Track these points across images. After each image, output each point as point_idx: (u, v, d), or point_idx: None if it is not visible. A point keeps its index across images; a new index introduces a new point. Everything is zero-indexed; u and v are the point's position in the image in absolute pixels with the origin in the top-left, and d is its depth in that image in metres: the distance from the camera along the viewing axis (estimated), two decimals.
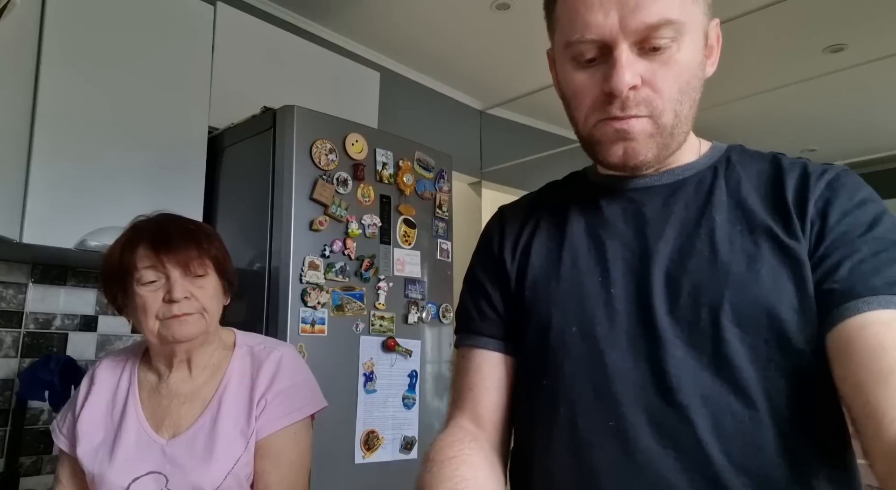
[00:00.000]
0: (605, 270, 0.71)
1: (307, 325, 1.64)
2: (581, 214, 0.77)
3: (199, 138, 1.93)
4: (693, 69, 0.66)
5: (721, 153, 0.76)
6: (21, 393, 1.72)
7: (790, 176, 0.69)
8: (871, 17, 2.58)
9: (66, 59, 1.67)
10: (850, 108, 3.52)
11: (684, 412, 0.63)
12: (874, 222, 0.64)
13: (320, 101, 1.90)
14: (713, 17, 0.70)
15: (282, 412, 1.09)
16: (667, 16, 0.62)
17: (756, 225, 0.67)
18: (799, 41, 2.78)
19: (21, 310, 1.84)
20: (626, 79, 0.63)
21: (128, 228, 1.12)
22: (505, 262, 0.80)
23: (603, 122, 0.67)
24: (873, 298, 0.60)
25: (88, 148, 1.69)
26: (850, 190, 0.67)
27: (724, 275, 0.65)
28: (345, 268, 1.73)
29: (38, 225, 1.57)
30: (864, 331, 0.59)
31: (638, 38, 0.63)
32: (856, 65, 2.52)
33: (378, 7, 2.60)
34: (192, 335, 1.07)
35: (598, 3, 0.63)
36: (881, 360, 0.57)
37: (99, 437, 1.10)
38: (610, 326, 0.69)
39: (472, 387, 0.79)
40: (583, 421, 0.68)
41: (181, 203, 1.85)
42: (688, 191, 0.72)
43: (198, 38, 1.98)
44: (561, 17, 0.68)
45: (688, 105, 0.68)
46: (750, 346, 0.63)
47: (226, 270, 1.15)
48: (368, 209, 1.81)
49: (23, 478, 1.74)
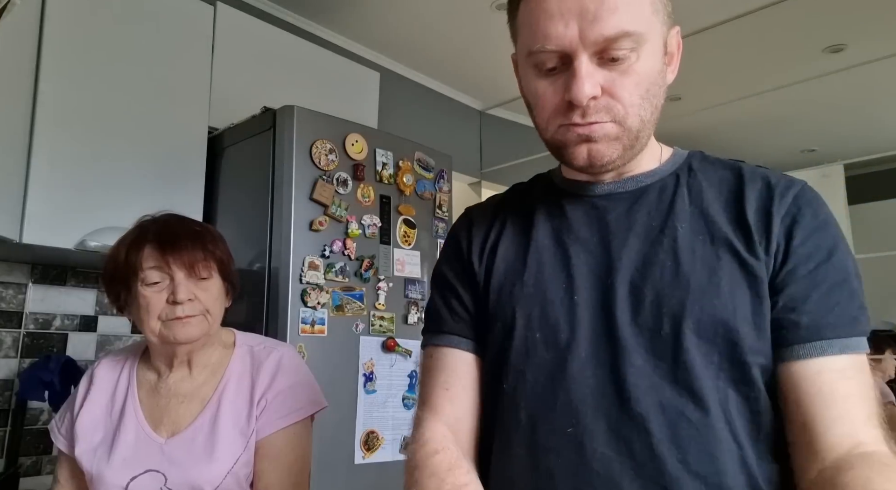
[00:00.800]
0: (570, 277, 0.72)
1: (307, 325, 1.64)
2: (546, 218, 0.78)
3: (198, 138, 1.93)
4: (653, 77, 0.67)
5: (683, 160, 0.77)
6: (21, 393, 1.72)
7: (751, 188, 0.70)
8: (871, 17, 2.58)
9: (65, 59, 1.67)
10: (850, 108, 3.52)
11: (641, 421, 0.64)
12: (834, 247, 0.67)
13: (320, 102, 1.90)
14: (673, 26, 0.71)
15: (282, 412, 1.09)
16: (625, 28, 0.63)
17: (717, 236, 0.68)
18: (799, 41, 2.78)
19: (21, 310, 1.84)
20: (585, 90, 0.64)
21: (133, 228, 1.12)
22: (473, 264, 0.80)
23: (565, 127, 0.68)
24: (836, 342, 0.64)
25: (88, 148, 1.69)
26: (815, 208, 0.69)
27: (685, 285, 0.66)
28: (345, 268, 1.73)
29: (37, 225, 1.57)
30: (818, 377, 0.63)
31: (597, 48, 0.64)
32: (856, 65, 2.52)
33: (378, 7, 2.60)
34: (194, 337, 1.07)
35: (558, 14, 0.64)
36: (829, 409, 0.62)
37: (98, 436, 1.10)
38: (572, 333, 0.70)
39: (448, 387, 0.78)
40: (542, 426, 0.69)
41: (181, 203, 1.84)
42: (650, 198, 0.73)
43: (198, 39, 1.98)
44: (522, 25, 0.69)
45: (650, 111, 0.68)
46: (705, 356, 0.65)
47: (229, 273, 1.15)
48: (368, 209, 1.81)
49: (22, 478, 1.74)
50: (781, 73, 2.98)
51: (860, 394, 0.63)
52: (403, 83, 3.12)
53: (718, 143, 4.03)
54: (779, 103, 3.35)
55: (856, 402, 0.62)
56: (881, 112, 3.57)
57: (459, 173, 3.21)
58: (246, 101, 1.96)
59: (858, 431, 0.61)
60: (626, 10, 0.63)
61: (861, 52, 2.77)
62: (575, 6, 0.63)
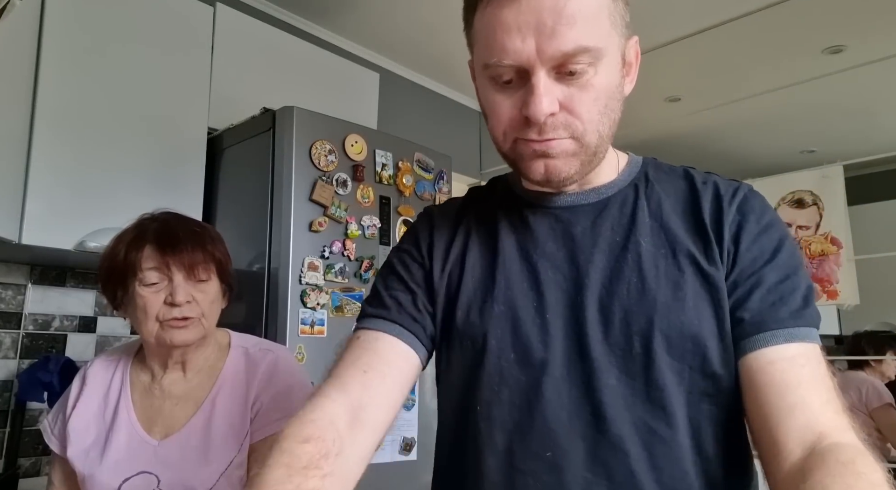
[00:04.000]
0: (540, 295, 0.71)
1: (307, 326, 1.64)
2: (510, 230, 0.76)
3: (198, 139, 1.93)
4: (611, 91, 0.66)
5: (639, 169, 0.77)
6: (20, 394, 1.71)
7: (705, 197, 0.72)
8: (870, 18, 2.57)
9: (65, 59, 1.67)
10: (850, 109, 3.52)
11: (618, 442, 0.65)
12: (778, 247, 0.68)
13: (320, 102, 1.90)
14: (631, 36, 0.70)
15: (278, 415, 1.08)
16: (583, 43, 0.61)
17: (679, 249, 0.69)
18: (798, 42, 2.78)
19: (20, 311, 1.84)
20: (544, 107, 0.63)
21: (133, 226, 1.11)
22: (434, 267, 0.77)
23: (522, 142, 0.67)
24: (781, 332, 0.64)
25: (88, 149, 1.68)
26: (758, 213, 0.70)
27: (651, 302, 0.66)
28: (344, 269, 1.73)
29: (37, 226, 1.57)
30: (770, 367, 0.63)
31: (555, 63, 0.62)
32: (855, 66, 2.52)
33: (378, 8, 2.60)
34: (190, 340, 1.06)
35: (515, 28, 0.62)
36: (784, 398, 0.61)
37: (90, 437, 1.09)
38: (546, 352, 0.69)
39: (367, 370, 0.70)
40: (519, 449, 0.68)
41: (180, 204, 1.83)
42: (612, 212, 0.73)
43: (197, 39, 1.98)
44: (478, 37, 0.67)
45: (608, 125, 0.67)
46: (677, 372, 0.65)
47: (227, 274, 1.14)
48: (368, 210, 1.81)
49: (21, 479, 1.74)
50: (781, 73, 2.97)
51: (814, 380, 0.62)
52: (403, 84, 3.12)
53: (718, 144, 4.03)
54: (778, 104, 3.35)
55: (810, 388, 0.62)
56: (881, 113, 3.57)
57: (459, 174, 3.21)
58: (245, 102, 1.96)
59: (818, 419, 0.60)
60: (584, 25, 0.61)
61: (861, 53, 2.77)
62: (532, 20, 0.61)
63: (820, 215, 2.40)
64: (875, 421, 2.90)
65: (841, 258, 2.32)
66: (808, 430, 0.60)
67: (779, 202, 2.50)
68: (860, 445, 0.60)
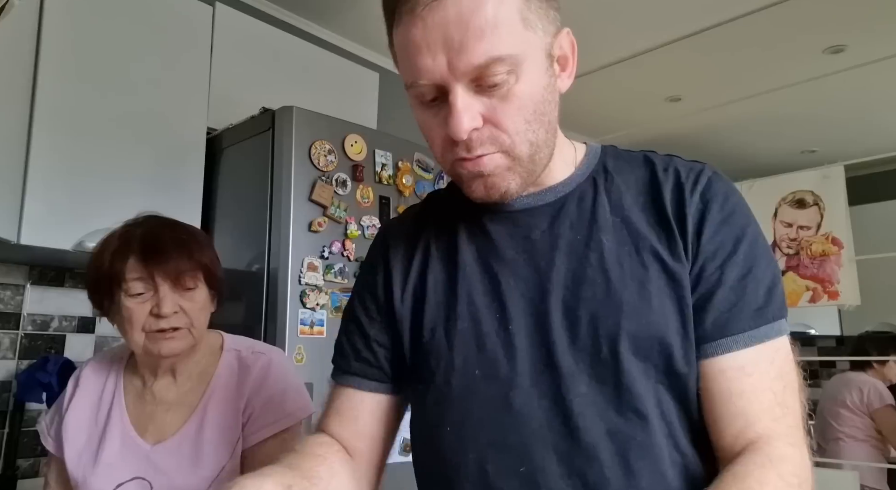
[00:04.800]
0: (502, 306, 0.69)
1: (306, 326, 1.63)
2: (469, 239, 0.74)
3: (197, 139, 1.92)
4: (538, 96, 0.63)
5: (597, 160, 0.74)
6: (19, 395, 1.71)
7: (666, 185, 0.69)
8: (871, 18, 2.57)
9: (64, 60, 1.66)
10: (851, 109, 3.51)
11: (591, 451, 0.63)
12: (740, 237, 0.66)
13: (319, 102, 1.90)
14: (559, 30, 0.66)
15: (270, 419, 1.07)
16: (494, 53, 0.59)
17: (642, 245, 0.67)
18: (799, 42, 2.77)
19: (19, 311, 1.83)
20: (463, 125, 0.61)
21: (118, 234, 1.07)
22: (393, 298, 0.76)
23: (457, 162, 0.65)
24: (740, 336, 0.64)
25: (86, 149, 1.68)
26: (721, 200, 0.67)
27: (618, 303, 0.65)
28: (344, 269, 1.73)
29: (35, 226, 1.57)
30: (721, 376, 0.64)
31: (471, 78, 0.60)
32: (856, 66, 2.52)
33: (377, 8, 2.59)
34: (178, 351, 1.04)
35: (425, 47, 0.60)
36: (727, 407, 0.63)
37: (83, 440, 1.08)
38: (512, 366, 0.67)
39: (345, 429, 0.78)
40: (492, 467, 0.66)
41: (179, 204, 1.84)
42: (570, 210, 0.71)
43: (196, 39, 1.97)
44: (397, 57, 0.66)
45: (542, 130, 0.65)
46: (644, 373, 0.64)
47: (216, 279, 1.11)
48: (367, 210, 1.81)
49: (20, 480, 1.73)
50: (781, 73, 2.97)
51: (758, 387, 0.63)
52: (403, 84, 3.11)
53: (718, 144, 4.02)
54: (779, 104, 3.34)
55: (752, 397, 0.62)
56: (882, 113, 3.57)
57: None
58: (245, 102, 1.95)
59: (751, 428, 0.62)
60: (493, 34, 0.58)
61: (861, 53, 2.77)
62: (439, 37, 0.59)
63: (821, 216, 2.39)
64: (876, 422, 2.89)
65: (842, 258, 2.31)
66: (742, 438, 0.62)
67: (779, 202, 2.49)
68: (780, 454, 0.60)
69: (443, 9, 0.58)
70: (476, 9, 0.58)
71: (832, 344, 4.42)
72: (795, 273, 2.40)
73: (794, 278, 2.40)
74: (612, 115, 3.54)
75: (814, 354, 4.43)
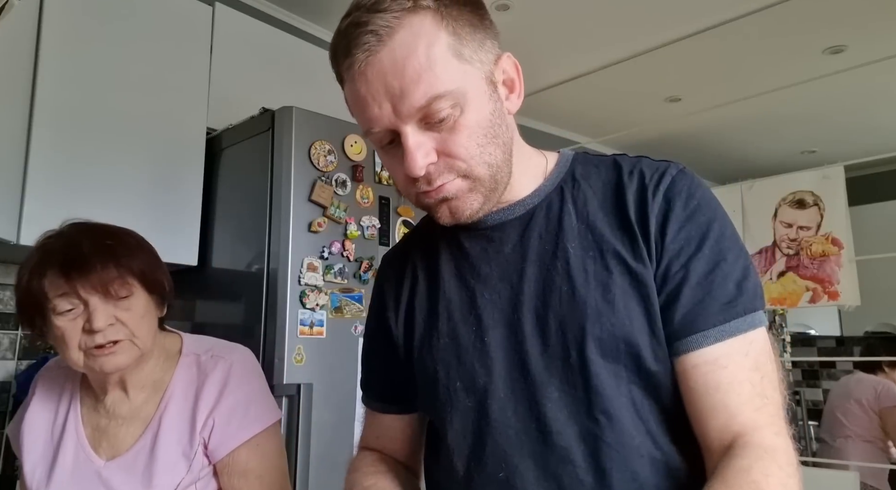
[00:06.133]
0: (478, 319, 0.72)
1: (306, 327, 1.63)
2: (449, 259, 0.78)
3: (197, 139, 1.92)
4: (485, 122, 0.66)
5: (566, 168, 0.76)
6: (18, 395, 1.71)
7: (630, 189, 0.70)
8: (871, 18, 2.57)
9: (63, 59, 1.66)
10: (851, 110, 3.51)
11: (565, 453, 0.65)
12: (706, 233, 0.67)
13: (319, 102, 1.90)
14: (499, 55, 0.69)
15: (236, 427, 1.01)
16: (434, 92, 0.62)
17: (606, 249, 0.69)
18: (799, 42, 2.77)
19: None
20: (418, 163, 0.64)
21: (35, 248, 0.98)
22: (390, 328, 0.82)
23: (420, 195, 0.69)
24: (710, 331, 0.64)
25: (86, 149, 1.68)
26: (685, 197, 0.68)
27: (582, 308, 0.67)
28: (343, 269, 1.72)
29: (35, 226, 1.55)
30: (694, 371, 0.64)
31: (417, 118, 0.64)
32: (856, 66, 2.52)
33: None
34: (122, 365, 0.96)
35: (369, 98, 0.64)
36: (705, 401, 0.64)
37: (38, 452, 1.04)
38: (488, 376, 0.70)
39: (382, 445, 0.86)
40: (477, 474, 0.70)
41: (179, 205, 1.84)
42: (539, 220, 0.73)
43: (196, 39, 1.97)
44: (351, 111, 0.70)
45: (498, 151, 0.68)
46: (614, 374, 0.65)
47: (155, 283, 1.01)
48: (367, 211, 1.80)
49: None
50: (781, 74, 2.97)
51: (735, 379, 0.63)
52: None
53: (718, 144, 4.02)
54: (779, 104, 3.34)
55: (729, 389, 0.63)
56: (882, 113, 3.57)
57: None
58: (244, 102, 1.95)
59: (734, 420, 0.62)
60: (428, 76, 0.62)
61: (861, 54, 2.77)
62: (381, 88, 0.63)
63: (821, 216, 2.39)
64: (883, 420, 2.89)
65: (842, 259, 2.31)
66: (726, 431, 0.62)
67: (779, 203, 2.49)
68: (771, 444, 0.61)
69: (378, 62, 0.62)
70: (408, 55, 0.62)
71: (832, 344, 4.42)
72: (795, 273, 2.40)
73: (794, 279, 2.39)
74: (612, 115, 3.53)
75: (814, 355, 4.43)
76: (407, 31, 0.62)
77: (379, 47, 0.62)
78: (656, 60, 2.87)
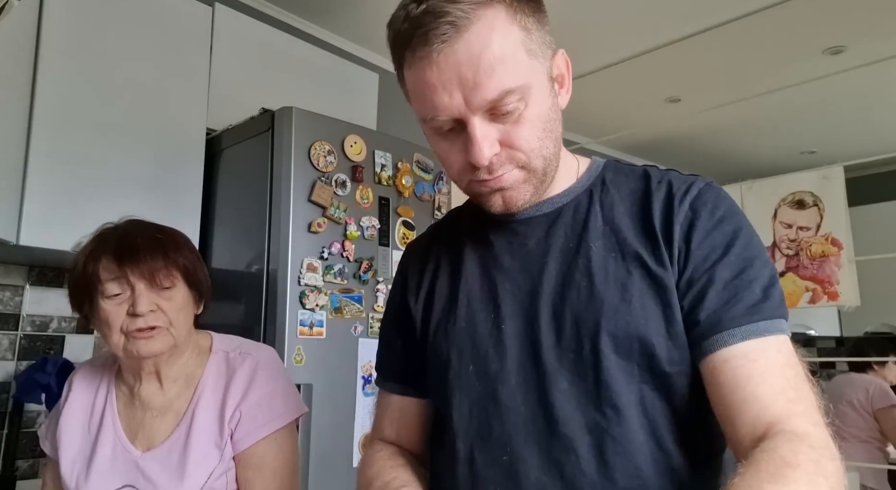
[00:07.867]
0: (497, 307, 0.74)
1: (305, 327, 1.63)
2: (474, 250, 0.80)
3: (196, 140, 1.92)
4: (546, 115, 0.69)
5: (597, 173, 0.79)
6: (17, 395, 1.71)
7: (657, 197, 0.72)
8: (870, 18, 2.57)
9: (63, 60, 1.66)
10: (850, 110, 3.51)
11: (569, 443, 0.66)
12: (731, 241, 0.68)
13: (319, 103, 1.90)
14: (556, 52, 0.72)
15: (260, 422, 1.06)
16: (505, 87, 0.64)
17: (627, 252, 0.70)
18: (798, 43, 2.77)
19: (18, 312, 1.83)
20: (484, 153, 0.66)
21: (93, 237, 1.07)
22: (410, 310, 0.84)
23: (475, 182, 0.71)
24: (736, 330, 0.64)
25: (86, 150, 1.68)
26: (711, 207, 0.70)
27: (599, 304, 0.68)
28: (343, 270, 1.72)
29: (35, 227, 1.57)
30: (725, 365, 0.64)
31: (485, 109, 0.65)
32: (856, 67, 2.52)
33: (377, 8, 2.60)
34: (157, 351, 1.03)
35: (440, 86, 0.65)
36: (736, 394, 0.63)
37: (76, 447, 1.08)
38: (501, 363, 0.72)
39: (396, 431, 0.86)
40: (480, 457, 0.71)
41: (179, 205, 1.84)
42: (566, 219, 0.75)
43: (196, 40, 1.97)
44: (411, 93, 0.71)
45: (552, 145, 0.70)
46: (626, 371, 0.66)
47: (196, 280, 1.10)
48: (367, 211, 1.80)
49: (19, 481, 1.73)
50: (781, 74, 2.97)
51: (766, 372, 0.63)
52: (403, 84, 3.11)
53: (718, 145, 4.02)
54: (778, 105, 3.34)
55: (760, 381, 0.62)
56: (881, 114, 3.57)
57: None
58: (244, 103, 1.95)
59: (767, 410, 0.61)
60: (503, 70, 0.64)
61: (861, 54, 2.77)
62: (454, 77, 0.64)
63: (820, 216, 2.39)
64: (879, 422, 2.89)
65: (842, 259, 2.31)
66: (758, 422, 0.61)
67: (779, 203, 2.49)
68: (805, 431, 0.59)
69: (454, 52, 0.63)
70: (484, 48, 0.63)
71: (832, 345, 4.42)
72: (795, 274, 2.40)
73: (793, 279, 2.39)
74: (612, 115, 3.53)
75: (814, 355, 4.43)
76: (483, 23, 0.63)
77: (456, 37, 0.63)
78: (656, 61, 2.87)
